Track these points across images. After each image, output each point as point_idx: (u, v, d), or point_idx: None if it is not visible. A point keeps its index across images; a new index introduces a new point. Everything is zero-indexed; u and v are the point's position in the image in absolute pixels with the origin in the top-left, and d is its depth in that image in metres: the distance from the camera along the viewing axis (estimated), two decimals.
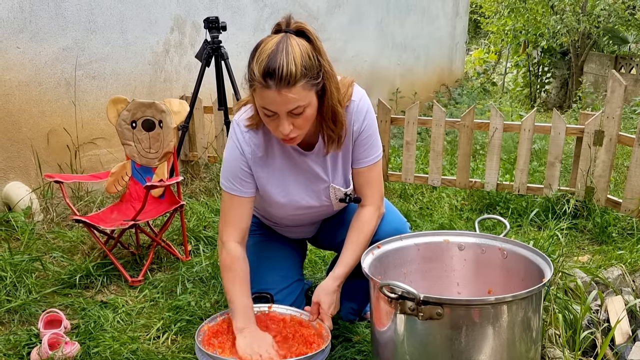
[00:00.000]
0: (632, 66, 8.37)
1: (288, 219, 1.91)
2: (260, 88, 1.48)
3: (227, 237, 1.76)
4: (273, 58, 1.44)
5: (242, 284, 1.75)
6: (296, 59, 1.45)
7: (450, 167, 4.46)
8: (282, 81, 1.44)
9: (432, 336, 1.41)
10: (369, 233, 1.79)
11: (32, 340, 2.00)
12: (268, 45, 1.48)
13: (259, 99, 1.51)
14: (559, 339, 1.82)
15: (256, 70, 1.46)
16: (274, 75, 1.44)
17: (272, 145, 1.73)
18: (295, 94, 1.47)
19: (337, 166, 1.77)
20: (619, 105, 3.12)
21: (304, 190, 1.78)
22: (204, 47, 3.68)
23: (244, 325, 1.70)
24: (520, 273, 1.67)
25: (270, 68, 1.44)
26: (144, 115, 2.75)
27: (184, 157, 4.21)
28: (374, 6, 6.45)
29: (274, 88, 1.45)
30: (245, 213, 1.77)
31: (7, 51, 3.07)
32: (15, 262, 2.47)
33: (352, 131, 1.71)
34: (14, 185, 3.18)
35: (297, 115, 1.52)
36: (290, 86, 1.45)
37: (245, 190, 1.75)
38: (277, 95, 1.46)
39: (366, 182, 1.79)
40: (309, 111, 1.54)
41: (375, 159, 1.78)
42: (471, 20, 11.41)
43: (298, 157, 1.74)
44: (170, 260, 2.77)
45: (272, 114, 1.52)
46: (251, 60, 1.49)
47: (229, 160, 1.74)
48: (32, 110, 3.25)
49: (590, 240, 3.12)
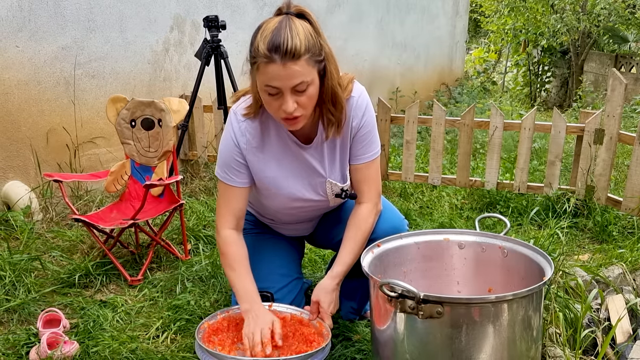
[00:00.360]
0: (632, 65, 8.36)
1: (283, 213, 1.90)
2: (264, 64, 1.47)
3: (221, 225, 1.78)
4: (277, 33, 1.46)
5: (240, 268, 1.76)
6: (300, 34, 1.47)
7: (450, 166, 4.46)
8: (287, 54, 1.45)
9: (432, 335, 1.41)
10: (367, 231, 1.78)
11: (31, 340, 2.00)
12: (271, 24, 1.49)
13: (263, 76, 1.50)
14: (559, 338, 1.82)
15: (261, 45, 1.47)
16: (279, 49, 1.44)
17: (269, 135, 1.73)
18: (300, 68, 1.47)
19: (334, 161, 1.76)
20: (619, 104, 3.11)
21: (300, 181, 1.78)
22: (204, 46, 3.67)
23: (249, 306, 1.70)
24: (521, 272, 1.66)
25: (275, 42, 1.45)
26: (144, 114, 2.74)
27: (184, 156, 4.21)
28: (374, 5, 6.44)
29: (279, 62, 1.45)
30: (240, 202, 1.78)
31: (6, 50, 3.06)
32: (14, 262, 2.47)
33: (350, 127, 1.71)
34: (13, 185, 3.17)
35: (301, 93, 1.52)
36: (295, 60, 1.46)
37: (239, 180, 1.75)
38: (282, 69, 1.46)
39: (364, 179, 1.78)
40: (312, 89, 1.54)
41: (373, 155, 1.77)
42: (471, 19, 11.41)
43: (296, 149, 1.74)
44: (170, 260, 2.76)
45: (275, 92, 1.52)
46: (254, 39, 1.51)
47: (223, 151, 1.75)
48: (31, 109, 3.24)
49: (591, 239, 3.12)
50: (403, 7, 7.03)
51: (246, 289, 1.74)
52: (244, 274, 1.76)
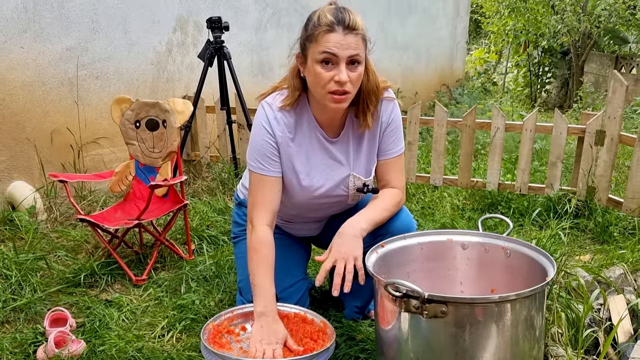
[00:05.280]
0: (632, 66, 8.37)
1: (299, 207, 1.90)
2: (325, 32, 1.58)
3: (257, 220, 1.73)
4: (338, 10, 1.60)
5: (267, 268, 1.71)
6: (357, 16, 1.62)
7: (451, 166, 4.47)
8: (349, 26, 1.58)
9: (436, 334, 1.42)
10: (394, 204, 1.81)
11: (38, 339, 2.02)
12: (326, 7, 1.63)
13: (322, 43, 1.58)
14: (561, 338, 1.84)
15: (324, 17, 1.59)
16: (342, 20, 1.58)
17: (302, 128, 1.77)
18: (357, 41, 1.60)
19: (359, 156, 1.82)
20: (620, 105, 3.13)
21: (324, 176, 1.81)
22: (207, 47, 3.69)
23: (264, 310, 1.66)
24: (524, 272, 1.68)
25: (339, 15, 1.59)
26: (148, 114, 2.76)
27: (187, 157, 4.22)
28: (375, 6, 6.46)
29: (341, 31, 1.58)
30: (275, 194, 1.76)
31: (11, 51, 3.08)
32: (20, 261, 2.49)
33: (380, 122, 1.80)
34: (18, 185, 3.19)
35: (354, 67, 1.61)
36: (354, 32, 1.59)
37: (274, 170, 1.75)
38: (343, 38, 1.58)
39: (392, 170, 1.85)
40: (361, 68, 1.64)
41: (400, 150, 1.86)
42: (472, 20, 11.42)
43: (324, 143, 1.79)
44: (174, 260, 2.78)
45: (332, 59, 1.59)
46: (313, 15, 1.64)
47: (256, 140, 1.74)
48: (36, 109, 3.26)
49: (592, 239, 3.13)
50: (404, 8, 7.04)
51: (266, 291, 1.69)
52: (269, 277, 1.71)
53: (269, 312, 1.67)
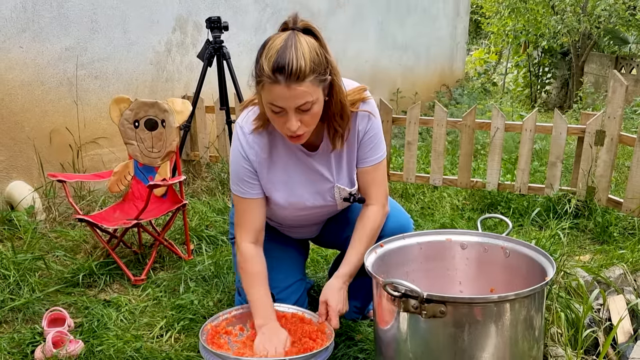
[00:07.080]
0: (632, 67, 8.37)
1: (291, 219, 1.92)
2: (269, 84, 1.47)
3: (241, 240, 1.79)
4: (282, 54, 1.44)
5: (258, 282, 1.77)
6: (305, 54, 1.45)
7: (451, 167, 4.47)
8: (292, 76, 1.44)
9: (435, 334, 1.42)
10: (374, 232, 1.80)
11: (36, 339, 2.01)
12: (276, 41, 1.48)
13: (267, 94, 1.51)
14: (561, 338, 1.83)
15: (265, 66, 1.46)
16: (283, 70, 1.44)
17: (277, 146, 1.74)
18: (304, 88, 1.47)
19: (341, 166, 1.78)
20: (620, 106, 3.12)
21: (308, 191, 1.79)
22: (206, 47, 3.68)
23: (263, 322, 1.72)
24: (523, 272, 1.67)
25: (280, 63, 1.44)
26: (147, 114, 2.76)
27: (186, 157, 4.22)
28: (375, 6, 6.46)
29: (284, 83, 1.45)
30: (257, 214, 1.78)
31: (10, 50, 3.08)
32: (18, 261, 2.48)
33: (357, 131, 1.73)
34: (16, 185, 3.18)
35: (305, 112, 1.52)
36: (299, 81, 1.46)
37: (253, 192, 1.76)
38: (287, 90, 1.46)
39: (371, 181, 1.80)
40: (316, 108, 1.54)
41: (379, 158, 1.79)
42: (472, 20, 11.41)
43: (303, 157, 1.75)
44: (173, 260, 2.77)
45: (279, 110, 1.52)
46: (259, 56, 1.50)
47: (234, 166, 1.75)
48: (35, 109, 3.25)
49: (592, 239, 3.13)
50: (404, 8, 7.04)
51: (263, 304, 1.75)
52: (262, 290, 1.77)
53: (269, 321, 1.72)
